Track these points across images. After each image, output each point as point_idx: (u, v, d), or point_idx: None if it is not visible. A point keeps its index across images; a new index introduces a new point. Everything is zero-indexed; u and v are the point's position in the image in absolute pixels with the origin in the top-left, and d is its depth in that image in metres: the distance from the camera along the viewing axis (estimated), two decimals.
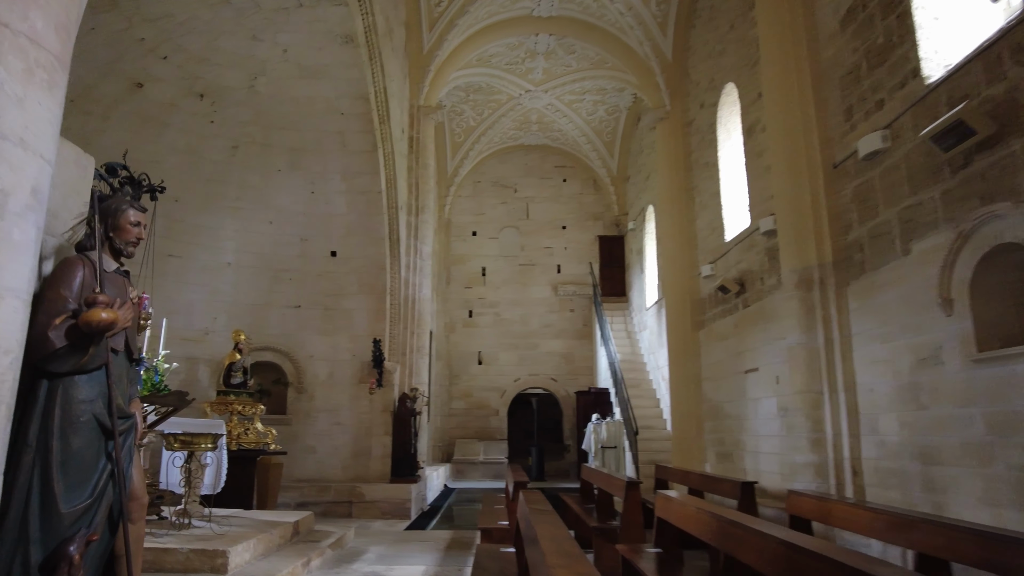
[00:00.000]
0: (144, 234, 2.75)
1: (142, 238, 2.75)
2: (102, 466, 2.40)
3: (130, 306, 2.52)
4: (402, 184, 11.33)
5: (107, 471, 2.41)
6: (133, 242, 2.77)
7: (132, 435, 2.61)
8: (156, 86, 8.67)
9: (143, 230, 2.75)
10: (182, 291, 10.20)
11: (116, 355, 2.53)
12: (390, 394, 10.70)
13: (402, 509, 9.95)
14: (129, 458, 2.56)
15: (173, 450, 5.84)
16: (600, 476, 7.34)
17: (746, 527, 3.22)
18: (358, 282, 10.85)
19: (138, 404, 2.76)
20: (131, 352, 2.68)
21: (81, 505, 2.29)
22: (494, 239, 18.73)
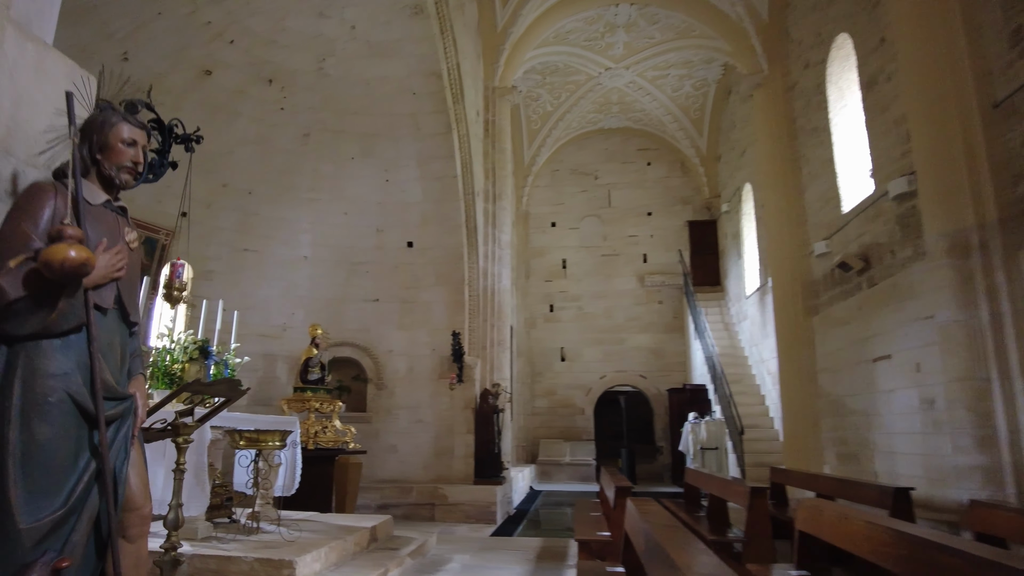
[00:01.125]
0: (141, 157, 2.13)
1: (139, 162, 2.13)
2: (83, 465, 1.80)
3: (123, 251, 1.92)
4: (478, 169, 10.71)
5: (90, 472, 1.81)
6: (128, 167, 2.13)
7: (128, 423, 2.01)
8: (224, 72, 8.40)
9: (141, 152, 2.14)
10: (259, 286, 9.98)
11: (103, 315, 1.94)
12: (471, 390, 10.08)
13: (487, 513, 9.29)
14: (124, 454, 1.96)
15: (238, 448, 5.37)
16: (712, 480, 6.39)
17: (966, 554, 2.28)
18: (435, 273, 10.31)
19: (141, 384, 2.15)
20: (126, 312, 2.07)
21: (49, 517, 1.68)
22: (574, 229, 17.87)
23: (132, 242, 2.08)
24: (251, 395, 9.67)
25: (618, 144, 18.09)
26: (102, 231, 1.96)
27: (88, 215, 1.90)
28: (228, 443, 5.50)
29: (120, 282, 2.01)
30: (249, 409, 9.37)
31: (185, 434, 3.54)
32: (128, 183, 2.10)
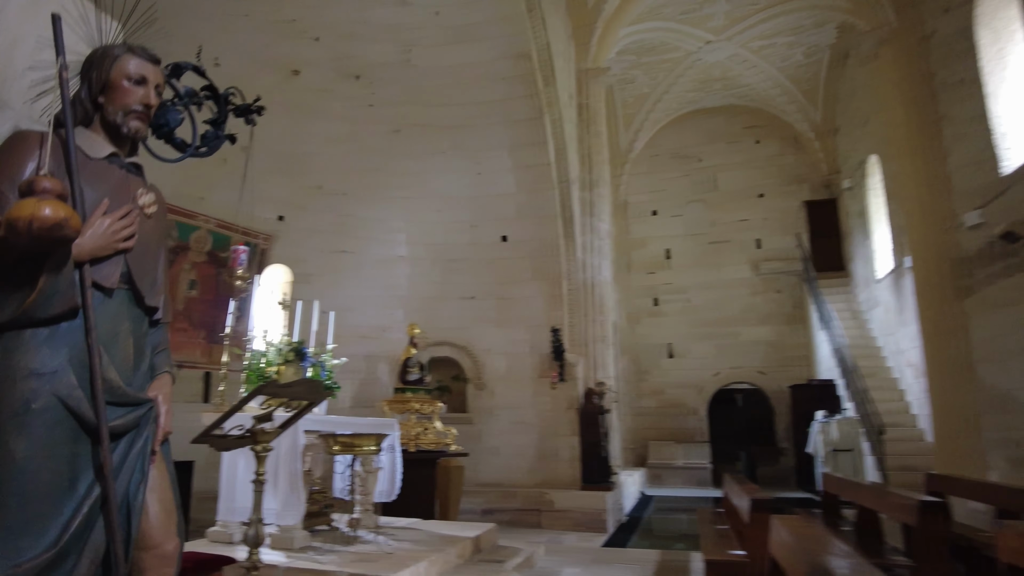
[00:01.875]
0: (153, 99, 1.73)
1: (150, 104, 1.73)
2: (82, 491, 1.41)
3: (132, 216, 1.53)
4: (572, 156, 10.13)
5: (92, 500, 1.42)
6: (137, 112, 1.72)
7: (146, 435, 1.59)
8: (311, 71, 8.33)
9: (153, 93, 1.74)
10: (358, 287, 9.91)
11: (107, 297, 1.56)
12: (574, 389, 9.52)
13: (597, 521, 8.69)
14: (139, 475, 1.54)
15: (333, 453, 5.11)
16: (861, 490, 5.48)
17: None
18: (531, 267, 9.83)
19: (166, 385, 1.73)
20: (139, 295, 1.66)
21: (31, 562, 1.29)
22: (678, 217, 16.84)
23: (147, 207, 1.69)
24: (354, 397, 9.61)
25: (722, 123, 16.90)
26: (104, 191, 1.59)
27: (85, 170, 1.52)
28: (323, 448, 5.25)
29: (130, 256, 1.62)
30: (353, 411, 9.31)
31: (264, 441, 3.21)
32: (139, 132, 1.70)
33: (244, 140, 8.25)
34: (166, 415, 1.69)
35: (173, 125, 2.32)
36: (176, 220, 8.12)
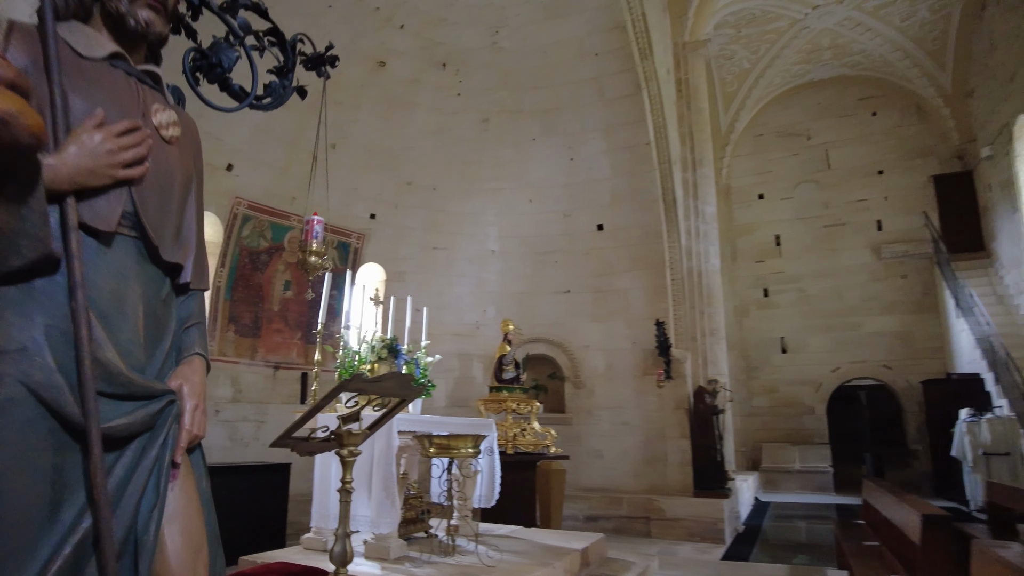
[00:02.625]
0: None
1: None
2: (67, 522, 1.01)
3: (140, 136, 1.12)
4: (673, 135, 9.37)
5: (80, 535, 1.01)
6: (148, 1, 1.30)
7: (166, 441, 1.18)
8: (398, 61, 8.08)
9: None
10: (451, 284, 9.63)
11: (104, 246, 1.15)
12: (683, 388, 8.78)
13: (713, 530, 7.93)
14: (154, 497, 1.13)
15: (428, 456, 4.72)
16: None
17: None
18: (631, 257, 9.18)
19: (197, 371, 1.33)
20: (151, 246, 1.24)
21: None
22: (787, 200, 15.55)
23: (166, 127, 1.29)
24: (449, 396, 9.31)
25: (832, 96, 15.46)
26: (100, 99, 1.19)
27: (73, 71, 1.14)
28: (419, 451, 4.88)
29: (138, 190, 1.20)
30: (448, 411, 9.02)
31: (351, 445, 2.83)
32: (152, 25, 1.28)
33: (334, 137, 8.15)
34: (194, 412, 1.26)
35: (227, 65, 1.95)
36: (269, 221, 8.10)
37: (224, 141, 7.27)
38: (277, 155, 7.92)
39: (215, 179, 7.34)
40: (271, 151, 7.84)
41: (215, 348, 7.53)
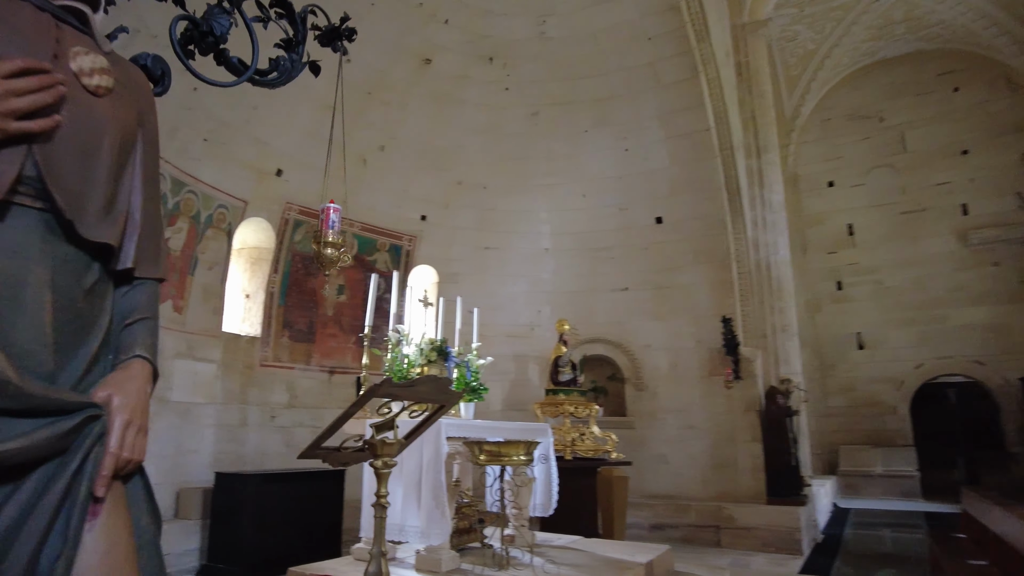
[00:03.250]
0: None
1: None
2: None
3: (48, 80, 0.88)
4: (734, 121, 8.84)
5: None
6: None
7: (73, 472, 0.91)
8: (444, 58, 7.89)
9: None
10: (504, 284, 9.39)
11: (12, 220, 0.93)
12: (753, 388, 8.25)
13: (789, 541, 7.38)
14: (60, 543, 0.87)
15: (478, 463, 4.47)
16: None
17: None
18: (692, 250, 8.70)
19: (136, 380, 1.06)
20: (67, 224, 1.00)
21: None
22: (859, 186, 14.59)
23: (89, 74, 1.05)
24: (504, 400, 9.06)
25: (908, 73, 14.43)
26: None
27: None
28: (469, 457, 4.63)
29: (47, 149, 0.97)
30: (503, 415, 8.77)
31: (386, 455, 2.59)
32: None
33: (381, 138, 8.03)
34: (124, 431, 1.00)
35: (219, 33, 1.74)
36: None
37: (272, 146, 7.24)
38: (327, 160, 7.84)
39: (265, 184, 7.32)
40: (321, 155, 7.77)
41: (270, 354, 7.51)
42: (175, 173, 6.19)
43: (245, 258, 7.67)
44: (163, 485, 6.05)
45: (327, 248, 2.89)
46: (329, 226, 2.83)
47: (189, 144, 6.27)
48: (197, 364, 6.56)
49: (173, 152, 6.11)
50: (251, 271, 7.65)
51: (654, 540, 7.82)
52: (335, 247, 2.92)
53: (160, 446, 6.03)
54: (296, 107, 7.27)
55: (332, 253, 2.90)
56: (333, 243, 2.90)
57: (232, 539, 5.72)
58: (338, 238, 2.89)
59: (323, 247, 2.89)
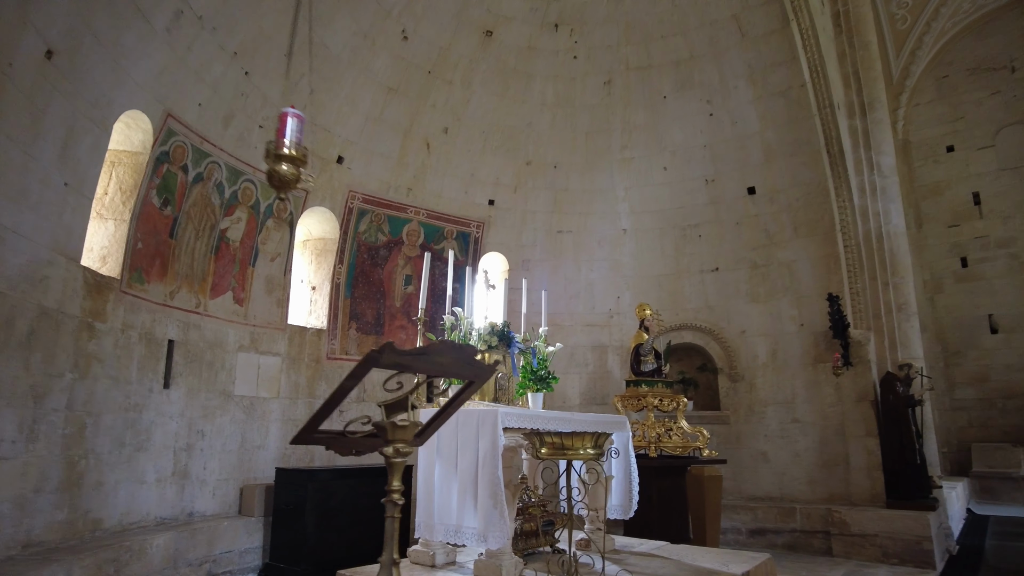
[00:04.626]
0: None
1: None
2: None
3: None
4: (834, 76, 7.83)
5: None
6: None
7: None
8: (507, 29, 7.42)
9: None
10: (580, 270, 8.83)
11: None
12: (866, 376, 7.25)
13: (916, 551, 6.38)
14: None
15: (539, 458, 3.93)
16: None
17: None
18: (792, 222, 7.79)
19: None
20: None
21: None
22: (986, 149, 12.81)
23: None
24: (583, 393, 8.49)
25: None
26: None
27: None
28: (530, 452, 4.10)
29: None
30: (583, 409, 8.17)
31: (399, 441, 2.11)
32: None
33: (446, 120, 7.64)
34: None
35: None
36: (386, 214, 7.77)
37: (334, 132, 7.01)
38: (391, 145, 7.57)
39: (327, 173, 7.11)
40: (384, 141, 7.51)
41: (337, 346, 7.30)
42: (231, 162, 6.04)
43: (311, 250, 7.51)
44: (228, 481, 5.92)
45: (281, 164, 2.34)
46: (286, 136, 2.33)
47: (245, 132, 6.11)
48: (261, 358, 6.40)
49: (229, 140, 5.96)
50: (316, 263, 7.47)
51: (754, 547, 7.02)
52: (292, 163, 2.38)
53: (224, 441, 5.90)
54: (357, 91, 7.02)
55: (288, 171, 2.36)
56: (290, 157, 2.36)
57: (293, 538, 5.48)
58: (300, 151, 2.37)
59: (276, 162, 2.35)
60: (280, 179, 2.28)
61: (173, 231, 5.55)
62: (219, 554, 5.36)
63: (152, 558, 4.66)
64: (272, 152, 2.28)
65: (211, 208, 5.94)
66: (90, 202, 4.61)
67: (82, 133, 4.34)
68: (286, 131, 2.23)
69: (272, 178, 2.33)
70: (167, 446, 5.36)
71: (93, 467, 4.61)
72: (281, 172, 2.25)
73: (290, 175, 2.30)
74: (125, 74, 4.62)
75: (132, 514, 4.97)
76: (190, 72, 5.30)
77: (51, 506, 4.20)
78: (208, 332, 5.87)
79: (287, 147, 2.22)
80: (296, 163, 2.30)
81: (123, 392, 4.93)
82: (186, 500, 5.52)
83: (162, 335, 5.40)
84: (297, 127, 2.27)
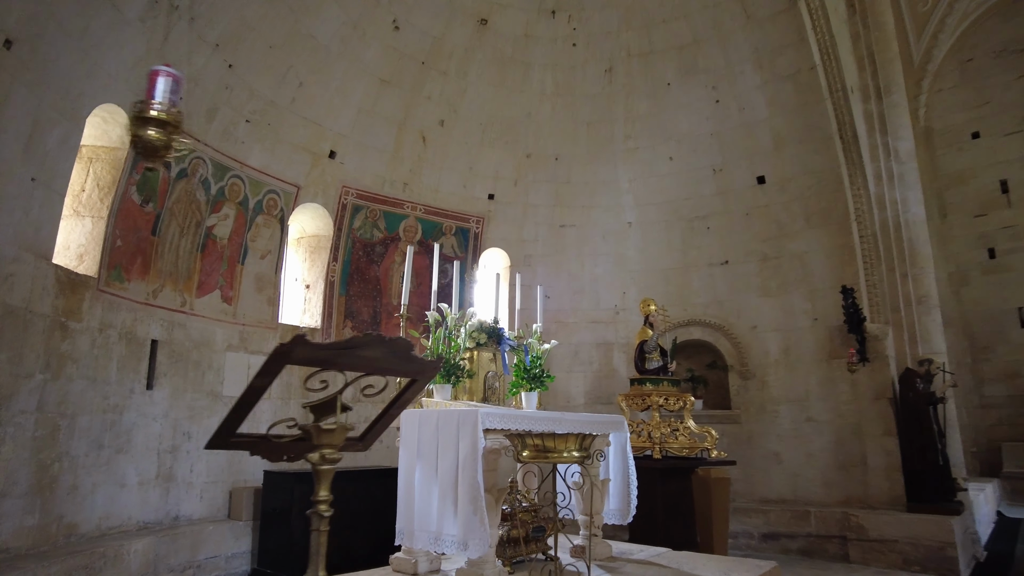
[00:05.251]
0: None
1: None
2: None
3: None
4: (846, 58, 7.46)
5: None
6: None
7: None
8: (502, 16, 7.20)
9: None
10: (584, 265, 8.56)
11: None
12: (884, 372, 6.89)
13: (939, 557, 6.02)
14: None
15: (520, 461, 3.69)
16: None
17: None
18: (804, 212, 7.45)
19: None
20: None
21: None
22: (1015, 134, 12.23)
23: None
24: (588, 393, 8.23)
25: None
26: None
27: None
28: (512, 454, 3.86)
29: None
30: (587, 409, 7.90)
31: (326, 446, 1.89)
32: None
33: (441, 112, 7.42)
34: None
35: None
36: (381, 210, 7.58)
37: (325, 126, 6.83)
38: (384, 138, 7.38)
39: (319, 167, 6.93)
40: (377, 134, 7.32)
41: None
42: (217, 157, 5.89)
43: (305, 247, 7.34)
44: (216, 484, 5.76)
45: (148, 128, 2.07)
46: (156, 96, 2.05)
47: (231, 126, 5.95)
48: (252, 357, 6.24)
49: (214, 135, 5.81)
50: (311, 260, 7.30)
51: (767, 551, 6.69)
52: (161, 127, 2.10)
53: None
54: (347, 83, 6.83)
55: (156, 136, 2.08)
56: (159, 119, 2.08)
57: (281, 543, 5.30)
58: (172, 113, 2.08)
59: (141, 126, 2.07)
60: (146, 145, 2.02)
61: (156, 228, 5.41)
62: (204, 559, 5.20)
63: (129, 564, 4.51)
64: (138, 115, 2.02)
65: (196, 205, 5.79)
66: (62, 198, 4.47)
67: (49, 126, 4.19)
68: (155, 91, 1.98)
69: (137, 144, 2.07)
70: (150, 448, 5.22)
71: (68, 470, 4.46)
72: (147, 137, 1.99)
73: (157, 141, 2.02)
74: (96, 65, 4.47)
75: (112, 518, 4.83)
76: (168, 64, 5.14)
77: (20, 511, 4.06)
78: (194, 331, 5.72)
79: (156, 109, 1.96)
80: (167, 128, 2.03)
81: (101, 393, 4.79)
82: (171, 504, 5.37)
83: (144, 335, 5.25)
84: (170, 87, 2.01)
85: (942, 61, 12.57)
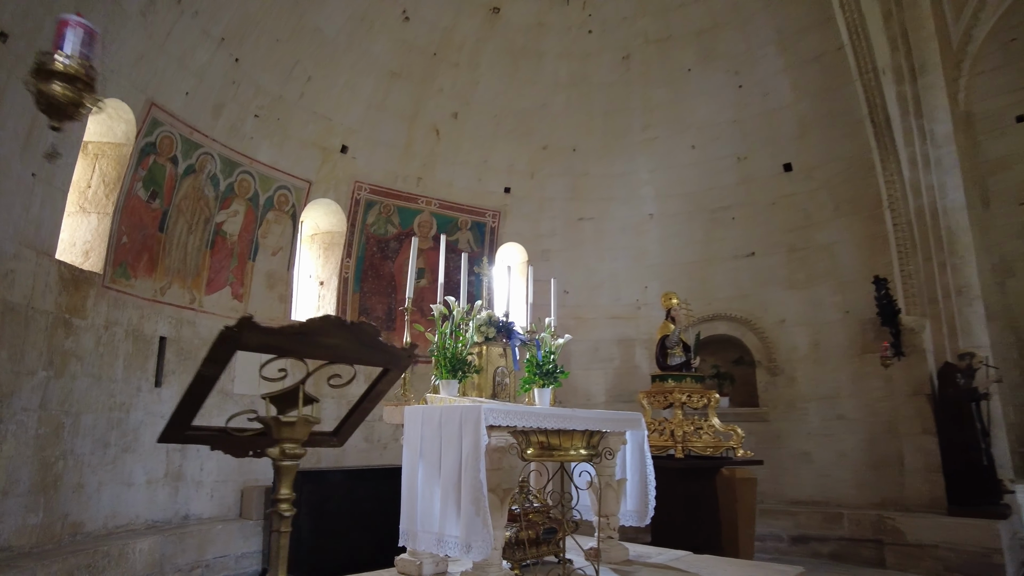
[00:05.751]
0: None
1: None
2: None
3: None
4: (878, 40, 7.09)
5: None
6: None
7: None
8: (514, 5, 7.03)
9: None
10: (604, 259, 8.34)
11: None
12: (921, 366, 6.53)
13: (984, 564, 5.66)
14: None
15: (525, 459, 3.52)
16: None
17: None
18: (833, 200, 7.11)
19: None
20: None
21: None
22: None
23: None
24: (608, 390, 8.00)
25: None
26: None
27: None
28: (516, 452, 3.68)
29: None
30: (608, 407, 7.68)
31: (288, 441, 1.73)
32: None
33: (454, 105, 7.28)
34: None
35: None
36: (395, 205, 7.47)
37: (334, 120, 6.74)
38: (396, 132, 7.26)
39: (330, 163, 6.85)
40: (389, 128, 7.20)
41: None
42: (225, 152, 5.83)
43: (319, 243, 7.27)
44: (227, 483, 5.70)
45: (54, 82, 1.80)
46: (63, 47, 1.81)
47: (238, 121, 5.89)
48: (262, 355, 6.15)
49: (221, 130, 5.75)
50: (324, 257, 7.23)
51: (796, 555, 6.39)
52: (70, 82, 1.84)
53: None
54: (356, 77, 6.73)
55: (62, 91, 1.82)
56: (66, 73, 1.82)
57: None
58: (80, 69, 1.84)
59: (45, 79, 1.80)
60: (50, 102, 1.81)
61: (163, 225, 5.37)
62: (212, 559, 5.14)
63: (134, 563, 4.45)
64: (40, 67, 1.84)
65: (205, 201, 5.74)
66: (64, 194, 4.43)
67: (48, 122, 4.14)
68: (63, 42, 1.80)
69: (40, 100, 1.88)
70: (158, 447, 5.17)
71: (72, 468, 4.42)
72: (51, 92, 1.78)
73: (63, 97, 1.79)
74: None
75: (118, 517, 4.79)
76: (172, 59, 5.09)
77: (22, 509, 4.02)
78: (203, 329, 5.66)
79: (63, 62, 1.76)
80: (76, 84, 1.82)
81: (106, 391, 4.75)
82: (180, 503, 5.31)
83: (152, 332, 5.21)
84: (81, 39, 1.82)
85: (983, 42, 11.96)
